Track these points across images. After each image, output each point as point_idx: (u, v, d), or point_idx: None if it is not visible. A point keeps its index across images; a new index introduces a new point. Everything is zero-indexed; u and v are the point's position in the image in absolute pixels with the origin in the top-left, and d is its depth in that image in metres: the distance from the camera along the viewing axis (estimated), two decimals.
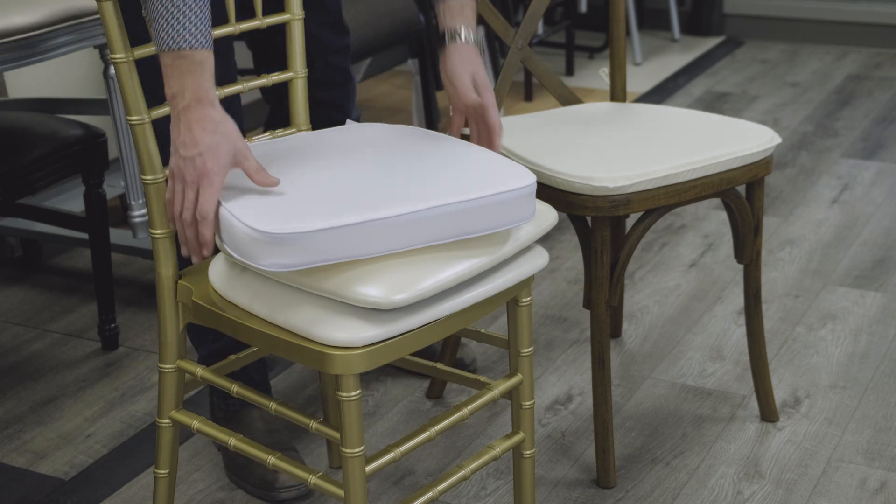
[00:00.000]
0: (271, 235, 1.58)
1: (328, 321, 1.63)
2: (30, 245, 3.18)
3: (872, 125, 4.03)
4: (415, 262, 1.65)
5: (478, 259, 1.70)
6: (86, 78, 3.52)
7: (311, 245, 1.58)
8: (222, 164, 1.64)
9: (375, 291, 1.60)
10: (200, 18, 1.64)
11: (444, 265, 1.66)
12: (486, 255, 1.71)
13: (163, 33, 1.63)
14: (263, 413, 2.27)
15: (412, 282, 1.62)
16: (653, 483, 2.22)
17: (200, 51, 1.64)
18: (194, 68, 1.64)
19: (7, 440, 2.41)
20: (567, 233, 3.27)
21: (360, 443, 1.66)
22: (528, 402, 1.90)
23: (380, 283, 1.61)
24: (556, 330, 2.77)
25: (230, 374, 2.07)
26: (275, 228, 1.58)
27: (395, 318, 1.64)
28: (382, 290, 1.60)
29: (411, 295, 1.61)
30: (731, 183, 2.15)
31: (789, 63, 4.77)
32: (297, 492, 2.17)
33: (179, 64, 1.64)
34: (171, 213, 1.70)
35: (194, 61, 1.64)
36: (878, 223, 3.27)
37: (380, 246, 1.62)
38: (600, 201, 2.04)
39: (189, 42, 1.63)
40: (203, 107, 1.64)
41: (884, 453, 2.28)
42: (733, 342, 2.69)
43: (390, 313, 1.64)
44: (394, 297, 1.59)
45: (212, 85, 1.66)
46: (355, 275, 1.62)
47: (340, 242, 1.59)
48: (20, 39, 2.50)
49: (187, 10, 1.63)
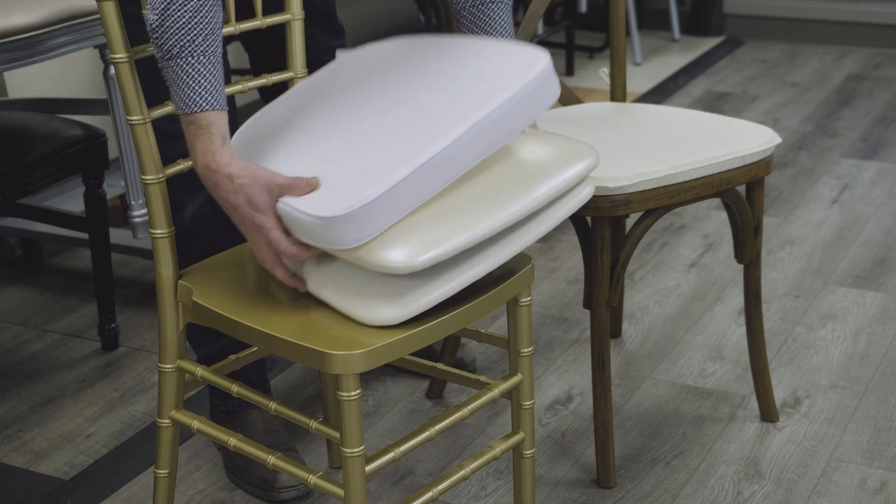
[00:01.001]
0: (338, 218, 1.59)
1: (367, 297, 1.66)
2: (30, 245, 3.18)
3: (872, 125, 4.03)
4: (441, 222, 1.65)
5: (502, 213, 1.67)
6: (86, 78, 3.52)
7: (377, 212, 1.59)
8: (264, 208, 1.66)
9: (397, 255, 1.60)
10: (209, 80, 1.65)
11: (463, 228, 1.64)
12: (508, 213, 1.67)
13: (176, 98, 1.66)
14: (263, 413, 2.27)
15: (439, 241, 1.62)
16: (653, 483, 2.22)
17: (209, 112, 1.65)
18: (201, 132, 1.66)
19: (7, 440, 2.41)
20: (567, 233, 3.27)
21: (360, 443, 1.66)
22: (528, 402, 1.90)
23: (407, 245, 1.61)
24: (556, 330, 2.77)
25: (230, 375, 2.07)
26: (338, 210, 1.59)
27: (433, 282, 1.65)
28: (406, 253, 1.60)
29: (434, 255, 1.61)
30: (731, 183, 2.15)
31: (789, 63, 4.77)
32: (297, 492, 2.18)
33: (190, 128, 1.67)
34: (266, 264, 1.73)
35: (201, 125, 1.66)
36: (878, 223, 3.27)
37: (436, 184, 1.63)
38: (600, 201, 2.04)
39: (199, 105, 1.65)
40: (214, 174, 1.66)
41: (884, 453, 2.28)
42: (733, 342, 2.69)
43: (428, 277, 1.65)
44: (417, 259, 1.60)
45: (220, 146, 1.66)
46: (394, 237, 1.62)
47: (402, 197, 1.61)
48: (20, 39, 2.50)
49: (196, 74, 1.64)
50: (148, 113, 1.75)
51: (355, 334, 1.65)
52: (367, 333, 1.65)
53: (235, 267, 1.89)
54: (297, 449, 2.26)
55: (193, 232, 2.09)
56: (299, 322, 1.71)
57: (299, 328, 1.68)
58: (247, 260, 1.91)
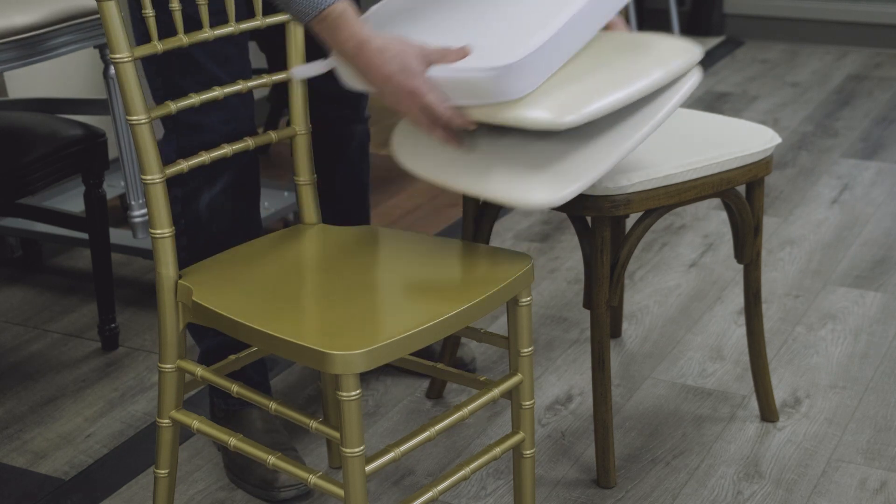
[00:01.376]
0: (510, 67, 1.69)
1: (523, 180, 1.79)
2: (30, 245, 3.18)
3: (872, 125, 4.03)
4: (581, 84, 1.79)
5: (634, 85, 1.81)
6: (86, 78, 3.52)
7: (540, 62, 1.73)
8: (418, 74, 1.73)
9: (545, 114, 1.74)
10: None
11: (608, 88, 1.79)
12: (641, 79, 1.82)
13: (298, 9, 1.71)
14: (263, 413, 2.27)
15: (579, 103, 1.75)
16: (653, 483, 2.22)
17: (337, 3, 1.71)
18: (338, 23, 1.72)
19: (7, 440, 2.41)
20: (567, 233, 3.27)
21: (360, 443, 1.66)
22: (528, 402, 1.90)
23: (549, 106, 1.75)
24: (556, 330, 2.77)
25: (230, 374, 2.07)
26: (511, 59, 1.70)
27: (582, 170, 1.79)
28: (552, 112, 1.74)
29: (581, 116, 1.74)
30: (731, 183, 2.15)
31: (789, 63, 4.77)
32: (297, 491, 2.18)
33: (324, 27, 1.72)
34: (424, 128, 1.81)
35: (335, 17, 1.71)
36: (878, 223, 3.27)
37: (583, 37, 1.82)
38: (600, 201, 2.04)
39: (323, 2, 1.70)
40: (365, 50, 1.72)
41: (884, 453, 2.28)
42: (733, 342, 2.69)
43: (579, 166, 1.79)
44: (564, 119, 1.73)
45: (360, 26, 1.73)
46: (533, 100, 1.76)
47: (558, 49, 1.76)
48: (20, 39, 2.50)
49: None
50: (148, 113, 1.75)
51: (355, 334, 1.65)
52: (367, 333, 1.65)
53: (236, 267, 1.89)
54: (296, 449, 2.26)
55: (207, 220, 2.11)
56: (299, 322, 1.71)
57: (299, 328, 1.68)
58: (247, 260, 1.91)
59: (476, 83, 1.72)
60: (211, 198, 2.10)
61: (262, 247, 1.96)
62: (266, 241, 1.98)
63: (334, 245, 1.97)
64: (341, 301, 1.77)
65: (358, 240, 1.98)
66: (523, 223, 3.35)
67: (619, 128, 1.84)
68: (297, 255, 1.97)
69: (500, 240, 3.24)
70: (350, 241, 1.98)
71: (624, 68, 1.84)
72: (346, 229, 2.03)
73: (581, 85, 1.78)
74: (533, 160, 1.82)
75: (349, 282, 1.82)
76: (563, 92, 1.77)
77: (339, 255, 1.94)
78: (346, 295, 1.78)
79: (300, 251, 1.98)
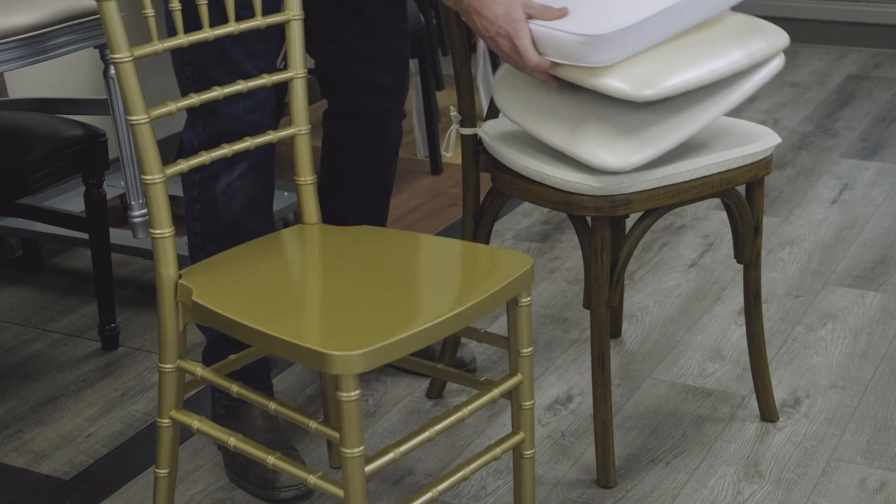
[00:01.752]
0: (601, 37, 1.89)
1: (599, 142, 1.97)
2: (30, 245, 3.18)
3: (872, 125, 4.03)
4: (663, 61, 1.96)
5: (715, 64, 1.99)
6: (86, 78, 3.51)
7: (630, 39, 1.91)
8: (518, 21, 1.94)
9: (625, 86, 1.92)
10: None
11: (689, 66, 1.97)
12: (722, 60, 2.00)
13: None
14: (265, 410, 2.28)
15: (659, 78, 1.93)
16: (653, 483, 2.22)
17: None
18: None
19: (7, 440, 2.41)
20: (567, 233, 3.27)
21: (359, 443, 1.66)
22: (528, 403, 1.90)
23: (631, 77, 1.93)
24: (556, 330, 2.77)
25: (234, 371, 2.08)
26: (601, 31, 1.89)
27: (652, 141, 1.98)
28: (632, 85, 1.92)
29: (658, 91, 1.92)
30: (731, 183, 2.15)
31: (789, 63, 4.77)
32: (298, 491, 2.18)
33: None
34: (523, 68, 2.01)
35: None
36: (878, 223, 3.27)
37: (674, 27, 1.98)
38: (600, 201, 2.04)
39: None
40: None
41: (884, 453, 2.28)
42: (733, 342, 2.69)
43: (650, 137, 1.98)
44: (643, 92, 1.91)
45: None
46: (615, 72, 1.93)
47: (650, 31, 1.94)
48: (20, 39, 2.50)
49: None
50: (148, 113, 1.75)
51: (355, 334, 1.65)
52: (367, 334, 1.65)
53: (236, 267, 1.89)
54: (297, 448, 2.26)
55: (224, 204, 2.13)
56: (299, 322, 1.71)
57: (299, 328, 1.68)
58: (248, 260, 1.91)
59: (567, 44, 1.92)
60: (229, 182, 2.13)
61: (263, 247, 1.96)
62: (266, 241, 1.98)
63: (334, 245, 1.97)
64: (341, 301, 1.77)
65: (358, 240, 1.98)
66: (523, 223, 3.35)
67: (694, 105, 2.02)
68: (298, 256, 1.97)
69: (500, 240, 3.24)
70: (350, 241, 1.98)
71: (706, 47, 2.00)
72: (345, 229, 2.03)
73: (663, 61, 1.95)
74: (612, 125, 2.00)
75: (349, 282, 1.83)
76: (645, 66, 1.94)
77: (339, 255, 1.94)
78: (346, 295, 1.78)
79: (300, 251, 1.98)
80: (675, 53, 1.97)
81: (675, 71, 1.94)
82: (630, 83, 1.91)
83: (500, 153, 2.16)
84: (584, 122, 2.01)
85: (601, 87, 1.93)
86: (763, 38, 2.06)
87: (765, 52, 2.05)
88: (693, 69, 1.96)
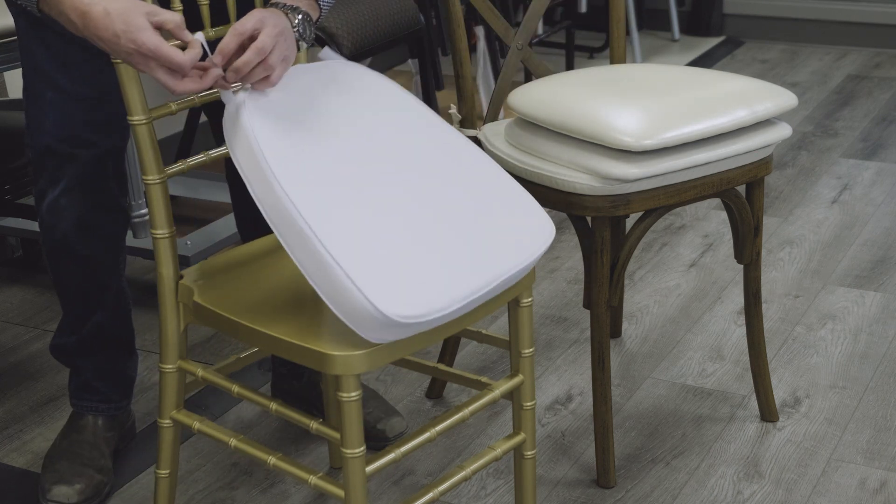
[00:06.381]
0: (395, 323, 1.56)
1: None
2: (30, 245, 3.18)
3: (872, 125, 4.03)
4: (665, 112, 2.03)
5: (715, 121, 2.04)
6: None
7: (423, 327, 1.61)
8: (144, 29, 1.61)
9: (626, 138, 1.97)
10: None
11: (691, 120, 2.03)
12: (724, 118, 2.05)
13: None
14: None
15: (660, 130, 1.98)
16: (653, 483, 2.22)
17: None
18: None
19: (7, 440, 2.41)
20: (567, 233, 3.27)
21: (360, 443, 1.66)
22: (528, 403, 1.90)
23: (644, 126, 1.99)
24: (556, 330, 2.77)
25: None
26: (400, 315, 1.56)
27: (647, 160, 1.99)
28: (643, 132, 1.97)
29: (657, 142, 1.97)
30: (731, 183, 2.15)
31: (789, 63, 4.77)
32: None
33: (48, 6, 1.65)
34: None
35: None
36: (878, 223, 3.28)
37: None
38: (600, 201, 2.04)
39: None
40: (90, 18, 1.63)
41: (884, 453, 2.28)
42: (733, 342, 2.70)
43: (643, 157, 1.99)
44: (644, 141, 1.95)
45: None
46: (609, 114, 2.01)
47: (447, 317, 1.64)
48: None
49: None
50: (148, 113, 1.75)
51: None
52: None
53: (237, 267, 1.89)
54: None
55: (50, 224, 2.08)
56: (299, 323, 1.71)
57: (299, 329, 1.68)
58: (249, 261, 1.91)
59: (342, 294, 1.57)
60: (50, 201, 2.07)
61: (264, 247, 1.96)
62: (267, 241, 1.98)
63: None
64: None
65: None
66: None
67: None
68: None
69: None
70: None
71: (709, 102, 2.08)
72: None
73: (665, 114, 2.02)
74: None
75: None
76: (647, 115, 2.01)
77: None
78: None
79: None
80: (677, 105, 2.06)
81: (676, 126, 2.00)
82: (631, 136, 1.97)
83: (500, 153, 2.16)
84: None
85: (601, 137, 1.99)
86: (770, 99, 2.12)
87: (770, 111, 2.11)
88: (693, 122, 2.02)
